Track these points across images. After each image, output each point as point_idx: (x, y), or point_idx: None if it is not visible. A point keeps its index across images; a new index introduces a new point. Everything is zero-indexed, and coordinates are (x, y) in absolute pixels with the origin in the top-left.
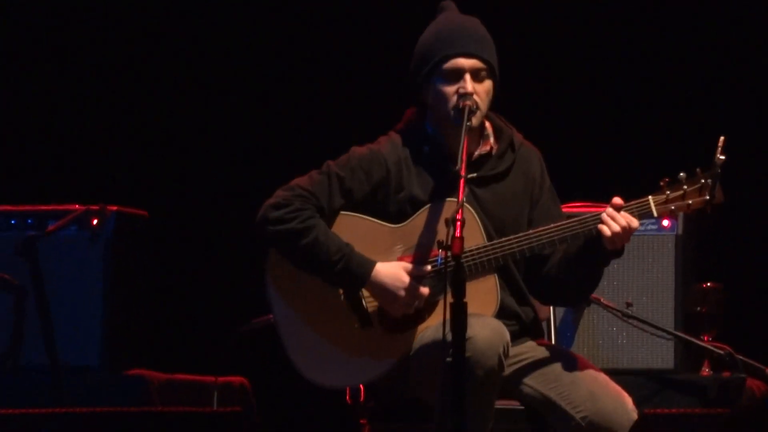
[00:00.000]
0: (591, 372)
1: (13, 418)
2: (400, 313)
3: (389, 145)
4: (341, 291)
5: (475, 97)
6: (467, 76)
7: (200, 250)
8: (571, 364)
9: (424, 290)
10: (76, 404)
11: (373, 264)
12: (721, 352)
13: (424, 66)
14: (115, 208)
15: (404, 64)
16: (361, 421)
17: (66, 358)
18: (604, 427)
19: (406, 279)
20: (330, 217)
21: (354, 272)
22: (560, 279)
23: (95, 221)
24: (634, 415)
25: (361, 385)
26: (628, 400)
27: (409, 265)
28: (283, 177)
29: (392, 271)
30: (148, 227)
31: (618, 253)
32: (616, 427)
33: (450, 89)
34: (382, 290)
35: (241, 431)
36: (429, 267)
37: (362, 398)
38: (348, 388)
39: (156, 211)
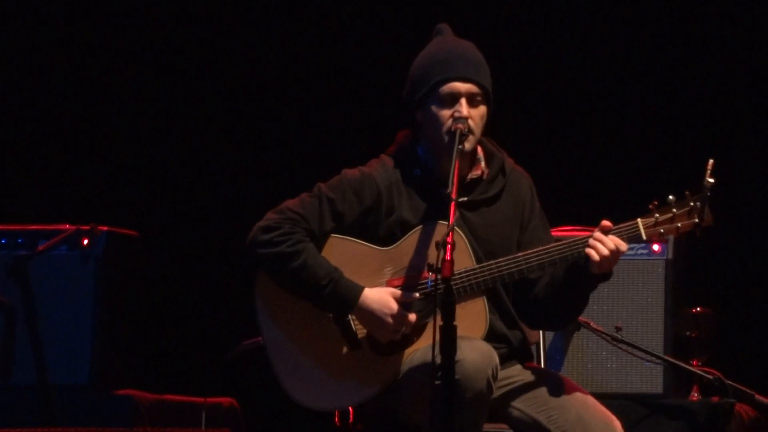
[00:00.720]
0: (580, 395)
1: None
2: (387, 338)
3: (381, 169)
4: (331, 314)
5: (469, 121)
6: (463, 101)
7: (191, 270)
8: (560, 387)
9: (412, 317)
10: (65, 423)
11: (361, 289)
12: (711, 377)
13: (419, 89)
14: (105, 228)
15: (397, 87)
16: None
17: (55, 378)
18: None
19: (394, 305)
20: (320, 240)
21: (341, 297)
22: (547, 302)
23: (86, 241)
24: None
25: (350, 408)
26: (617, 424)
27: (398, 291)
28: (273, 198)
29: (379, 296)
30: (138, 247)
31: (605, 277)
32: None
33: (445, 113)
34: (369, 316)
35: None
36: (417, 294)
37: (351, 420)
38: (337, 411)
39: (147, 231)
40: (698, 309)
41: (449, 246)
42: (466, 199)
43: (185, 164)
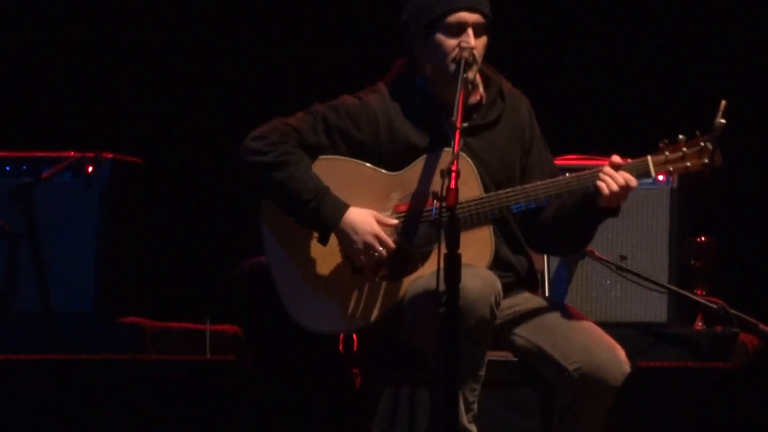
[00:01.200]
0: (585, 324)
1: (6, 364)
2: (362, 262)
3: (378, 97)
4: (314, 233)
5: (474, 51)
6: (470, 30)
7: (194, 197)
8: (565, 315)
9: (390, 242)
10: (69, 351)
11: (346, 207)
12: (715, 306)
13: (423, 18)
14: (110, 155)
15: (389, 14)
16: (354, 371)
17: (59, 305)
18: (597, 379)
19: (376, 227)
20: (315, 157)
21: (324, 214)
22: (555, 231)
23: (90, 168)
24: (627, 368)
25: (354, 334)
26: (621, 353)
27: (380, 215)
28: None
29: (363, 217)
30: (143, 174)
31: (614, 211)
32: (609, 380)
33: (452, 42)
34: (349, 234)
35: (234, 379)
36: (396, 221)
37: (355, 347)
38: (341, 337)
39: (151, 158)
40: (703, 238)
41: (454, 174)
42: (466, 124)
43: (189, 91)
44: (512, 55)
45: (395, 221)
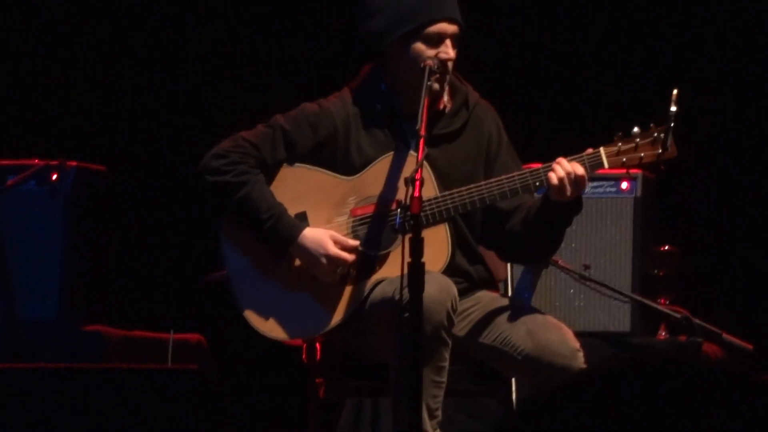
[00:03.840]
0: (530, 311)
1: None
2: (325, 279)
3: (339, 102)
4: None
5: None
6: (449, 41)
7: (158, 205)
8: (510, 308)
9: (348, 257)
10: (33, 358)
11: (301, 228)
12: (678, 315)
13: (402, 26)
14: (74, 163)
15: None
16: (317, 380)
17: (24, 313)
18: (545, 360)
19: (330, 247)
20: (275, 169)
21: (280, 233)
22: (522, 237)
23: (54, 176)
24: (576, 345)
25: (317, 344)
26: (568, 332)
27: (337, 234)
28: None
29: (317, 237)
30: (107, 182)
31: (574, 207)
32: (558, 359)
33: (430, 52)
34: (306, 255)
35: (197, 389)
36: (356, 242)
37: (318, 357)
38: (304, 347)
39: (115, 166)
40: (666, 247)
41: (418, 182)
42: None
43: (153, 98)
44: (476, 61)
45: (355, 242)
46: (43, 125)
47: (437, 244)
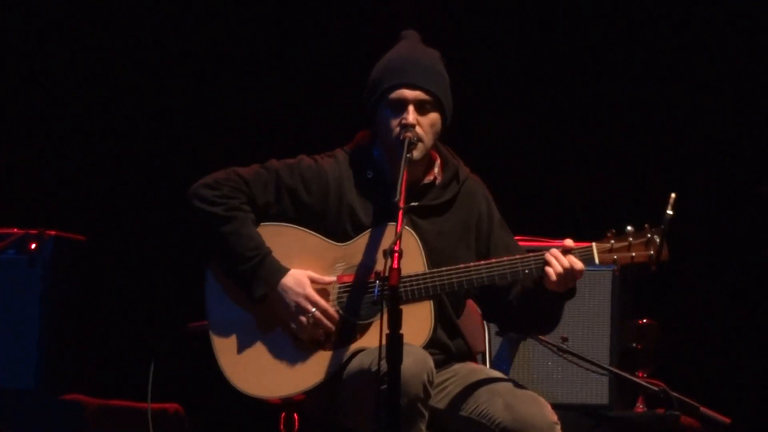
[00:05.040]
0: (507, 385)
1: None
2: (296, 325)
3: (333, 162)
4: (247, 292)
5: (417, 129)
6: (410, 108)
7: (136, 274)
8: (490, 381)
9: (321, 301)
10: (11, 428)
11: (285, 271)
12: (656, 388)
13: (372, 93)
14: (53, 232)
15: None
16: None
17: (2, 382)
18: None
19: (308, 289)
20: (262, 213)
21: (263, 274)
22: (520, 312)
23: (33, 245)
24: (554, 418)
25: (295, 415)
26: (545, 405)
27: (313, 273)
28: None
29: (297, 277)
30: (85, 252)
31: (568, 294)
32: (535, 431)
33: (394, 120)
34: (282, 298)
35: None
36: (332, 278)
37: (296, 427)
38: (282, 416)
39: (94, 236)
40: (644, 320)
41: (396, 255)
42: (416, 204)
43: (131, 169)
44: (465, 134)
45: (331, 278)
46: (21, 195)
47: (421, 320)
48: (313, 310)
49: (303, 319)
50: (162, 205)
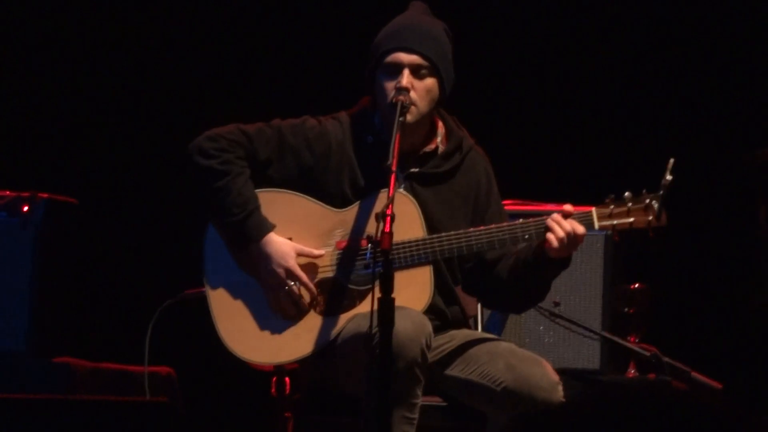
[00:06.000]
0: (505, 344)
1: None
2: (274, 293)
3: (336, 124)
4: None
5: (412, 93)
6: (405, 71)
7: (129, 238)
8: (487, 342)
9: (304, 278)
10: (1, 390)
11: (269, 230)
12: (647, 353)
13: (370, 60)
14: (45, 195)
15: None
16: (286, 414)
17: None
18: (525, 392)
19: (291, 261)
20: (261, 169)
21: (246, 229)
22: (510, 286)
23: (25, 208)
24: (556, 378)
25: (286, 378)
26: (547, 365)
27: (301, 246)
28: None
29: (282, 248)
30: (78, 215)
31: (564, 263)
32: (539, 392)
33: (389, 83)
34: (264, 260)
35: (167, 421)
36: (321, 251)
37: (287, 390)
38: (273, 380)
39: (86, 199)
40: (636, 285)
41: (388, 218)
42: (417, 170)
43: (124, 132)
44: (463, 98)
45: (319, 252)
46: (14, 157)
47: (420, 285)
48: (292, 284)
49: (277, 290)
50: (156, 168)
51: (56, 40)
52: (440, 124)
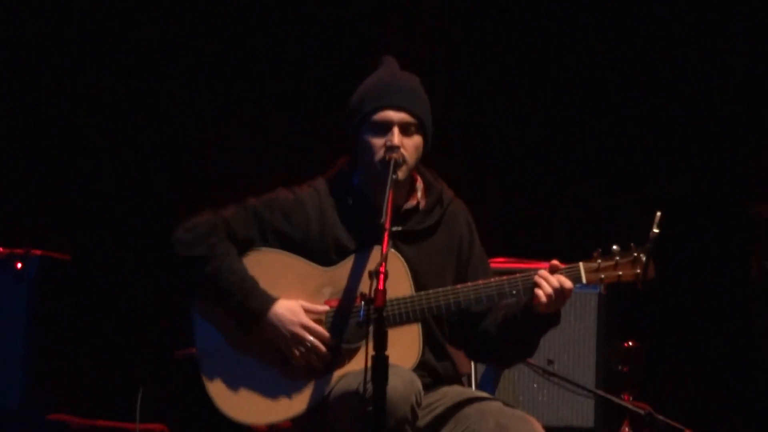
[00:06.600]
0: (497, 405)
1: None
2: (294, 354)
3: (313, 192)
4: (242, 327)
5: (402, 150)
6: (395, 129)
7: (122, 294)
8: (479, 402)
9: (318, 328)
10: None
11: (273, 300)
12: (641, 411)
13: (354, 117)
14: (39, 251)
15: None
16: None
17: None
18: None
19: (303, 317)
20: (248, 250)
21: (250, 307)
22: (499, 341)
23: (19, 264)
24: None
25: (279, 425)
26: (536, 424)
27: (306, 303)
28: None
29: (290, 306)
30: (71, 271)
31: (553, 319)
32: None
33: (378, 141)
34: (279, 325)
35: None
36: (325, 307)
37: None
38: None
39: (80, 255)
40: (630, 343)
41: (382, 276)
42: (400, 228)
43: (118, 188)
44: (447, 152)
45: (324, 308)
46: (7, 213)
47: (409, 342)
48: (311, 338)
49: (300, 348)
50: (149, 225)
51: (48, 96)
52: (419, 178)
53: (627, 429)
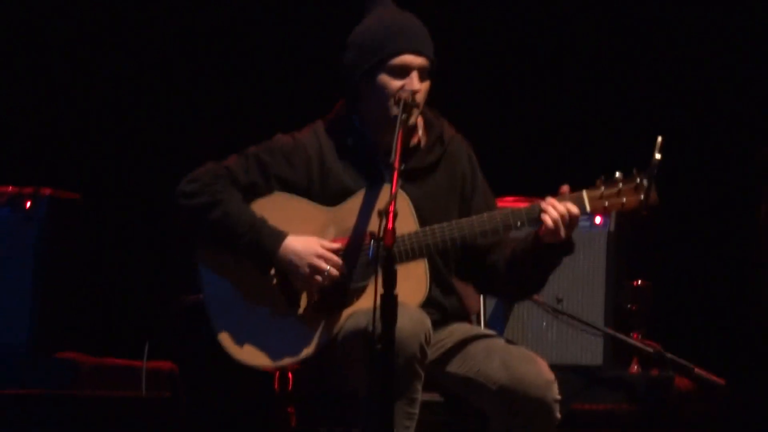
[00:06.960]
0: (501, 342)
1: None
2: (312, 285)
3: (312, 134)
4: (272, 270)
5: (418, 95)
6: (414, 74)
7: (132, 232)
8: (486, 340)
9: (335, 258)
10: (4, 385)
11: (284, 235)
12: (650, 350)
13: (368, 59)
14: (48, 190)
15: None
16: (289, 410)
17: None
18: (520, 391)
19: (319, 247)
20: (252, 196)
21: (263, 245)
22: (508, 275)
23: (28, 203)
24: (551, 376)
25: (289, 373)
26: (543, 364)
27: (321, 240)
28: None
29: (305, 239)
30: (80, 210)
31: (567, 247)
32: (533, 390)
33: (396, 84)
34: (295, 258)
35: (169, 416)
36: (339, 243)
37: (290, 386)
38: (276, 375)
39: (88, 194)
40: (639, 282)
41: (391, 215)
42: (403, 167)
43: (127, 126)
44: (452, 93)
45: (338, 244)
46: (17, 152)
47: (415, 278)
48: (328, 267)
49: (318, 277)
50: (159, 162)
51: (59, 37)
52: (419, 117)
53: (636, 367)
